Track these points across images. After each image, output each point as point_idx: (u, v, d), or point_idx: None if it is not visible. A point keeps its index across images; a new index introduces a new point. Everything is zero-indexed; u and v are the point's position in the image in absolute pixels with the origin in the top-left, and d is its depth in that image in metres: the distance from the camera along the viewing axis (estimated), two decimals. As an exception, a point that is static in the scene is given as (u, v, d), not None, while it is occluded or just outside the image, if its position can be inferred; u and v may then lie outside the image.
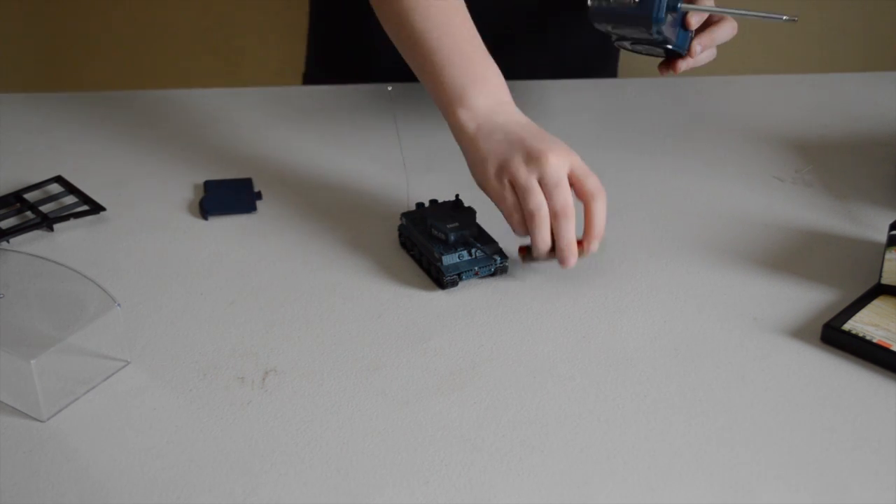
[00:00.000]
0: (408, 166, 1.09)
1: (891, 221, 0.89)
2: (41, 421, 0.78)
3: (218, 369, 0.83)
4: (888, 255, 0.89)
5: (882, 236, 0.94)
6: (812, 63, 1.87)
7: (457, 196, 0.95)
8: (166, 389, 0.81)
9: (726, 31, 1.04)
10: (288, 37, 1.91)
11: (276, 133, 1.16)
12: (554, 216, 0.89)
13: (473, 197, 1.02)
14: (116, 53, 1.96)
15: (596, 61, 1.36)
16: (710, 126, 1.19)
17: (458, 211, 0.94)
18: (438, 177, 1.08)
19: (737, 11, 0.99)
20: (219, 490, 0.72)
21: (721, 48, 1.06)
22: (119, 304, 0.81)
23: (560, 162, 0.89)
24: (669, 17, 0.96)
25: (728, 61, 1.79)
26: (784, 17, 0.95)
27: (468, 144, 0.94)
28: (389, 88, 1.23)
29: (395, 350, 0.85)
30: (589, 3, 0.97)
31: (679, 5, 0.97)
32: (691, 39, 1.03)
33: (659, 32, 0.96)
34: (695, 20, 1.00)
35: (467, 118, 0.94)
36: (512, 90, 1.24)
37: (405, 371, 0.83)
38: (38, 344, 0.76)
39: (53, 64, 1.97)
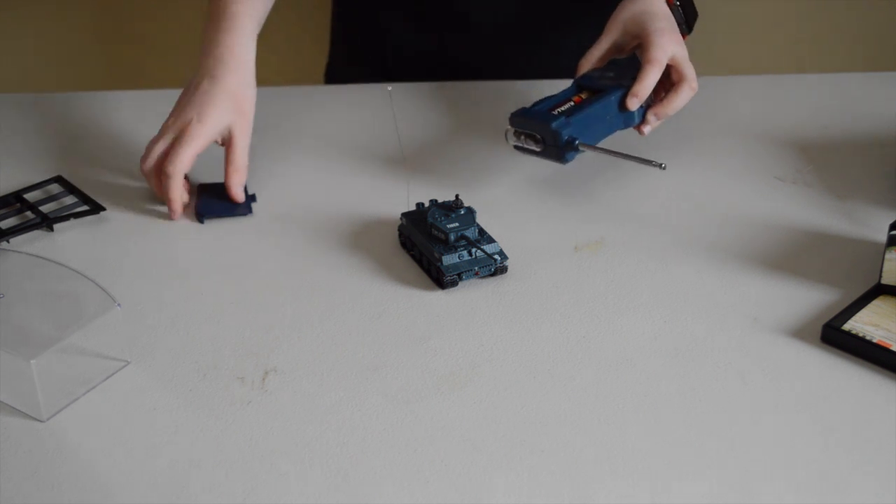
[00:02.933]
0: (408, 166, 1.09)
1: (891, 221, 0.89)
2: (41, 421, 0.78)
3: (218, 369, 0.83)
4: (888, 255, 0.89)
5: (882, 236, 0.94)
6: (812, 63, 1.87)
7: (457, 196, 0.95)
8: (166, 389, 0.81)
9: (683, 96, 1.03)
10: (288, 37, 1.91)
11: (276, 133, 1.16)
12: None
13: (473, 197, 1.02)
14: (116, 53, 1.96)
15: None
16: (710, 126, 1.19)
17: (458, 211, 0.94)
18: (438, 177, 1.08)
19: (616, 153, 1.00)
20: (219, 490, 0.72)
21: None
22: (119, 304, 0.81)
23: None
24: (574, 151, 0.99)
25: (728, 61, 1.79)
26: (654, 164, 0.97)
27: None
28: (389, 88, 1.23)
29: (395, 350, 0.85)
30: (510, 145, 1.02)
31: (577, 144, 0.99)
32: (645, 109, 1.04)
33: (569, 159, 1.00)
34: (632, 105, 1.01)
35: None
36: (514, 90, 1.24)
37: (405, 371, 0.83)
38: (38, 344, 0.76)
39: (53, 64, 1.97)
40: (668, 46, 1.02)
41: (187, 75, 1.09)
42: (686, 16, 1.10)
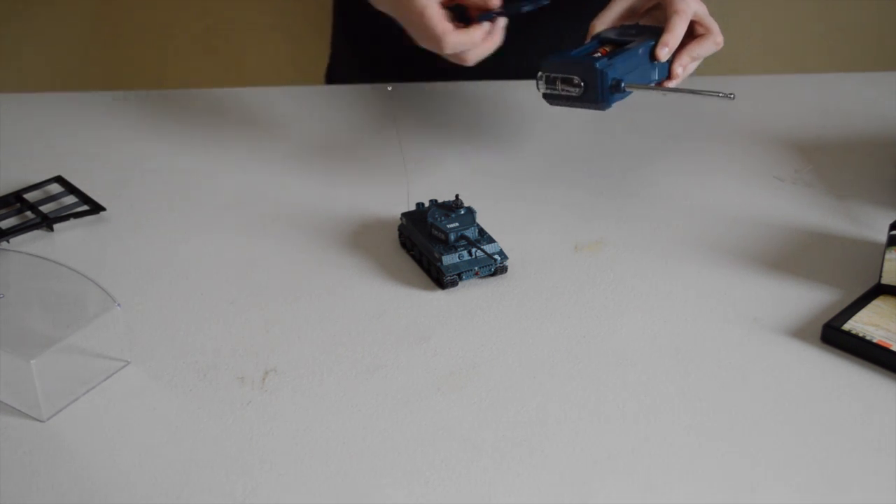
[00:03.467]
0: (408, 166, 1.09)
1: (891, 221, 0.89)
2: (41, 421, 0.78)
3: (218, 369, 0.83)
4: (888, 255, 0.89)
5: (882, 236, 0.94)
6: (812, 63, 1.87)
7: (457, 196, 0.95)
8: (166, 389, 0.81)
9: (707, 47, 1.03)
10: (288, 36, 1.91)
11: (276, 133, 1.16)
12: None
13: (473, 197, 1.02)
14: (116, 53, 1.96)
15: None
16: (710, 126, 1.19)
17: (458, 211, 0.94)
18: (438, 177, 1.08)
19: (674, 89, 0.99)
20: (219, 490, 0.72)
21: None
22: (119, 304, 0.81)
23: None
24: (618, 94, 0.97)
25: (728, 61, 1.79)
26: (720, 94, 0.95)
27: None
28: (389, 88, 1.23)
29: (395, 350, 0.85)
30: (541, 92, 1.00)
31: (623, 86, 0.96)
32: (670, 62, 1.02)
33: (612, 103, 0.97)
34: (663, 55, 0.99)
35: None
36: (516, 90, 1.25)
37: (405, 371, 0.83)
38: (38, 344, 0.76)
39: (53, 64, 1.97)
40: (691, 1, 1.01)
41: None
42: None
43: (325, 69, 1.47)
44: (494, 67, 1.29)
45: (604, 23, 1.05)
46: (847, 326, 0.85)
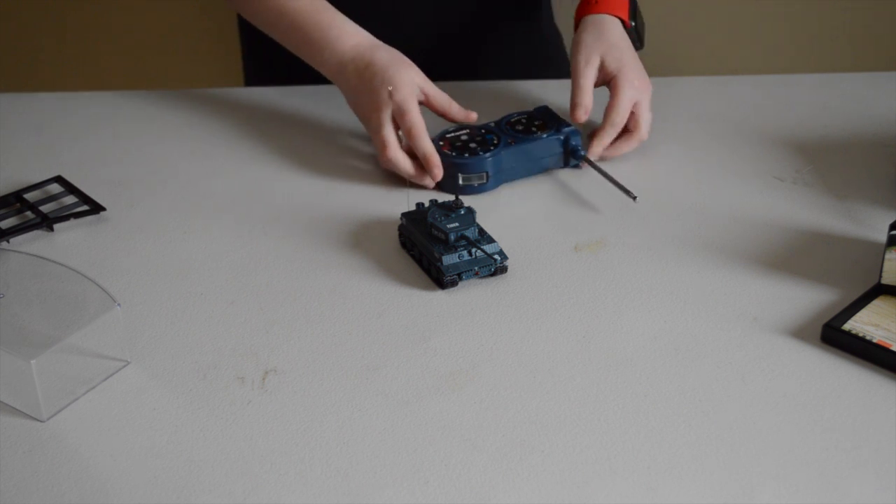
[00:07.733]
0: (408, 166, 1.09)
1: (891, 221, 0.89)
2: (41, 421, 0.78)
3: (218, 369, 0.83)
4: (888, 255, 0.89)
5: (882, 236, 0.94)
6: (812, 63, 1.87)
7: (457, 196, 0.95)
8: (166, 389, 0.81)
9: (631, 145, 1.10)
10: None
11: (277, 132, 1.16)
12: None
13: (473, 197, 1.02)
14: (115, 53, 1.96)
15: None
16: (710, 126, 1.19)
17: (458, 211, 0.94)
18: (438, 177, 1.08)
19: (600, 169, 1.06)
20: (219, 490, 0.72)
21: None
22: (119, 304, 0.81)
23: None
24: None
25: (728, 61, 1.79)
26: (630, 195, 1.02)
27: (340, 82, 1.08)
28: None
29: (395, 350, 0.85)
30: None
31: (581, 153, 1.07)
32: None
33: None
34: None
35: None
36: (510, 90, 1.24)
37: (405, 371, 0.83)
38: (38, 344, 0.77)
39: (53, 64, 1.97)
40: (633, 91, 1.07)
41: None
42: (639, 32, 1.12)
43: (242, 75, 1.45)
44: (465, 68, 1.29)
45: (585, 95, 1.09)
46: (847, 326, 0.85)
